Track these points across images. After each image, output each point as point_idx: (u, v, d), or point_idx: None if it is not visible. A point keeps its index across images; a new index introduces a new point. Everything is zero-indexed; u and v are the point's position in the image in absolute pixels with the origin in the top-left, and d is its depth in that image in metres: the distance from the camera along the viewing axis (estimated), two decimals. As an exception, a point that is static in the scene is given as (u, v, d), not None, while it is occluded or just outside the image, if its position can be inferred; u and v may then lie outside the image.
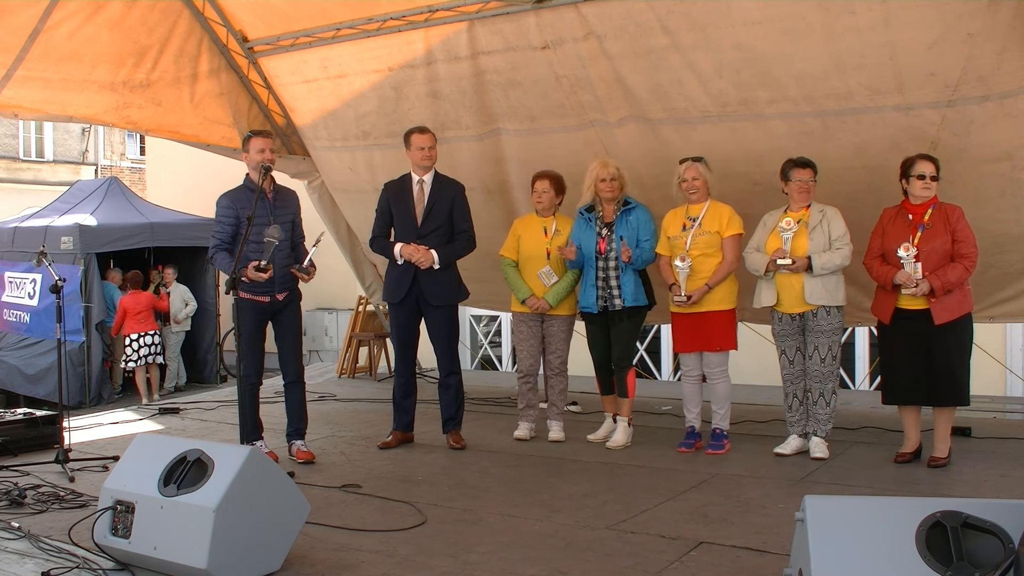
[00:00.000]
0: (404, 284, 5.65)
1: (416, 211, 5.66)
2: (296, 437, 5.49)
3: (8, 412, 6.17)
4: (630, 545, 3.78)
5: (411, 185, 5.72)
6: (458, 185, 5.82)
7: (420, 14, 6.45)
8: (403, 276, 5.65)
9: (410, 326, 5.78)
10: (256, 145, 5.28)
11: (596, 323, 5.73)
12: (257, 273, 4.98)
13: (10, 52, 6.40)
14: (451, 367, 5.79)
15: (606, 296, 5.61)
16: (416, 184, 5.71)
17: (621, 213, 5.61)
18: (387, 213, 5.76)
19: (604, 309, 5.62)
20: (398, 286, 5.68)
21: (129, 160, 27.72)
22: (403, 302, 5.68)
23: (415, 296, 5.66)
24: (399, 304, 5.71)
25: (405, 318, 5.74)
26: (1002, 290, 5.95)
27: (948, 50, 4.91)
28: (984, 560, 2.45)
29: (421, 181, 5.70)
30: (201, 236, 12.06)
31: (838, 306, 5.19)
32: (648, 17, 5.55)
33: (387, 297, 5.83)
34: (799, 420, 5.37)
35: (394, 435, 5.87)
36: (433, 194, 5.68)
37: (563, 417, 6.05)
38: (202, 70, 7.37)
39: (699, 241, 5.41)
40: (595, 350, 5.81)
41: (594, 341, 5.80)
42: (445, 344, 5.76)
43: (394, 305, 5.75)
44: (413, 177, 5.74)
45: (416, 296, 5.66)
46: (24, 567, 3.53)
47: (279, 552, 3.50)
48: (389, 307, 5.87)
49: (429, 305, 5.69)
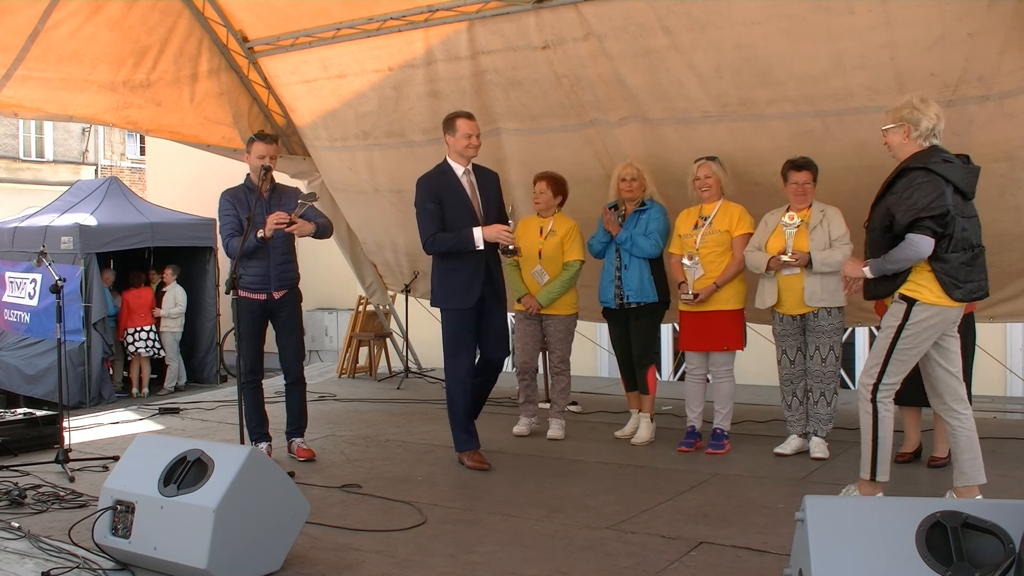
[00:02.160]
0: (476, 286, 5.12)
1: (473, 204, 5.18)
2: (296, 435, 5.50)
3: (8, 412, 6.17)
4: (630, 545, 3.78)
5: (456, 177, 5.20)
6: (496, 173, 5.44)
7: (420, 14, 6.45)
8: (475, 277, 5.12)
9: (475, 326, 5.22)
10: (257, 151, 5.30)
11: (615, 320, 5.84)
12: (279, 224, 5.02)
13: (10, 52, 6.40)
14: (499, 360, 5.42)
15: (621, 293, 5.69)
16: (462, 176, 5.21)
17: (635, 213, 5.68)
18: (438, 210, 5.14)
19: (620, 305, 5.71)
20: (470, 289, 5.12)
21: (129, 160, 27.71)
22: (474, 305, 5.16)
23: (482, 297, 5.17)
24: (470, 308, 5.16)
25: (474, 319, 5.19)
26: (1002, 290, 5.94)
27: (948, 50, 4.91)
28: (984, 560, 2.45)
29: (467, 172, 5.21)
30: (201, 236, 12.12)
31: (839, 307, 5.19)
32: (648, 17, 5.56)
33: (455, 303, 5.17)
34: (799, 420, 5.37)
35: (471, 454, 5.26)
36: (480, 185, 5.24)
37: (564, 416, 6.06)
38: (202, 70, 7.38)
39: (709, 240, 5.44)
40: (617, 347, 5.96)
41: (616, 338, 5.94)
42: (503, 336, 5.36)
43: (463, 310, 5.16)
44: (455, 168, 5.21)
45: (482, 297, 5.17)
46: (24, 567, 3.53)
47: (279, 552, 3.50)
48: (452, 312, 5.20)
49: (499, 304, 5.28)
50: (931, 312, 3.97)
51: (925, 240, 3.88)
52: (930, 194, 3.86)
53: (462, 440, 5.27)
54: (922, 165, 3.94)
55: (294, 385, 5.48)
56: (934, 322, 3.98)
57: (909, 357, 4.05)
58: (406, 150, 7.36)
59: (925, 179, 3.90)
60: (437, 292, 5.28)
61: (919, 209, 3.86)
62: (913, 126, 4.03)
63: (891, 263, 3.98)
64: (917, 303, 3.97)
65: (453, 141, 5.18)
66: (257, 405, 5.39)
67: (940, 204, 3.85)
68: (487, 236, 5.05)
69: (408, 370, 9.06)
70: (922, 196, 3.87)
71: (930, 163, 3.94)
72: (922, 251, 3.90)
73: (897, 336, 4.01)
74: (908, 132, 4.04)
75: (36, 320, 11.33)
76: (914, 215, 3.87)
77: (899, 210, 3.92)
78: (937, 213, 3.85)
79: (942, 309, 3.97)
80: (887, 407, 4.10)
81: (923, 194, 3.88)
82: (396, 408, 7.45)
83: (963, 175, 3.99)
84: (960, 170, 3.99)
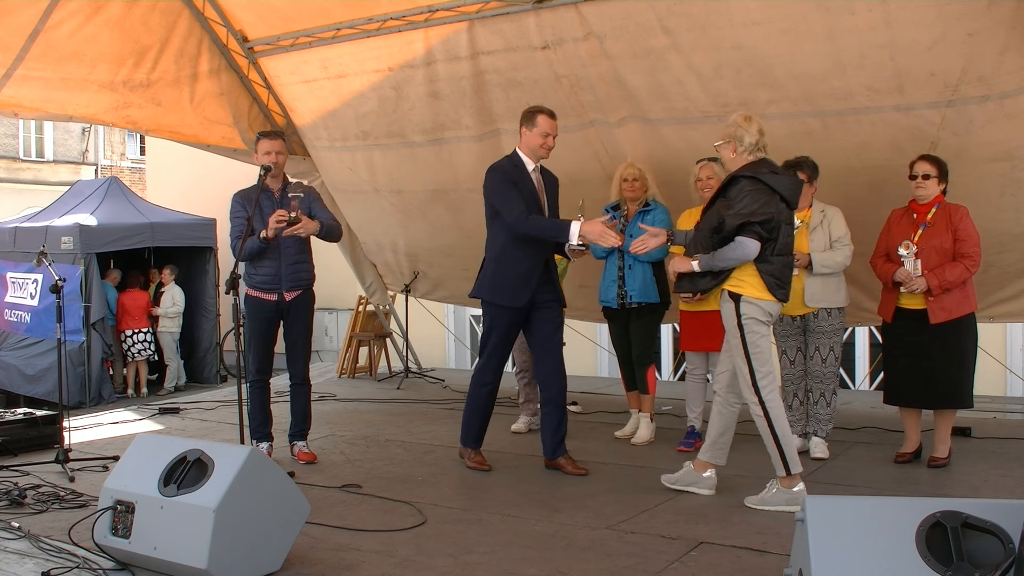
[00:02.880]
0: (532, 284, 4.94)
1: (542, 202, 5.01)
2: (299, 438, 5.48)
3: (8, 412, 6.16)
4: (630, 545, 3.78)
5: (527, 172, 5.02)
6: (557, 178, 5.25)
7: (420, 14, 6.45)
8: (531, 275, 4.94)
9: (518, 328, 5.08)
10: (262, 147, 5.26)
11: (616, 319, 5.85)
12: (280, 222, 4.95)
13: (10, 51, 6.40)
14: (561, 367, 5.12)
15: (624, 293, 5.70)
16: (532, 172, 5.03)
17: (639, 213, 5.67)
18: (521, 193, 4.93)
19: (622, 305, 5.72)
20: (526, 286, 4.94)
21: (129, 160, 27.72)
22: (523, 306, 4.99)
23: (533, 302, 4.99)
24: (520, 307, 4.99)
25: (522, 318, 5.03)
26: (1002, 290, 5.95)
27: (948, 50, 4.91)
28: (984, 560, 2.45)
29: (536, 169, 5.05)
30: (201, 236, 12.13)
31: (839, 307, 5.19)
32: (648, 17, 5.56)
33: (504, 299, 4.97)
34: (799, 420, 5.37)
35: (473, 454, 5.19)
36: (546, 186, 5.09)
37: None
38: (202, 70, 7.38)
39: None
40: (617, 347, 5.98)
41: (616, 338, 5.96)
42: (558, 343, 5.14)
43: (510, 308, 5.00)
44: (526, 162, 5.02)
45: (534, 301, 4.99)
46: (24, 567, 3.53)
47: (279, 552, 3.50)
48: (496, 310, 5.04)
49: (554, 306, 5.05)
50: (757, 303, 4.25)
51: (752, 243, 4.17)
52: (757, 201, 4.17)
53: (467, 436, 5.21)
54: (752, 175, 4.24)
55: (299, 387, 5.45)
56: (759, 311, 4.26)
57: (762, 346, 4.28)
58: (406, 150, 7.36)
59: (753, 187, 4.20)
60: (486, 283, 5.03)
61: (747, 214, 4.15)
62: (738, 142, 4.32)
63: (720, 260, 4.24)
64: (742, 298, 4.25)
65: (529, 136, 4.99)
66: (263, 404, 5.38)
67: (766, 211, 4.15)
68: (586, 232, 4.70)
69: (408, 370, 9.06)
70: (751, 203, 4.17)
71: (759, 173, 4.23)
72: (748, 252, 4.19)
73: (742, 334, 4.26)
74: (735, 147, 4.33)
75: (36, 320, 11.34)
76: (743, 219, 4.16)
77: (729, 214, 4.19)
78: (763, 219, 4.14)
79: (767, 303, 4.26)
80: (773, 400, 4.28)
81: (751, 201, 4.17)
82: (396, 408, 7.45)
83: (789, 185, 4.31)
84: (787, 181, 4.32)
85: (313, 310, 5.49)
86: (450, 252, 8.18)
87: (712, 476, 4.53)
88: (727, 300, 4.30)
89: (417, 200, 7.80)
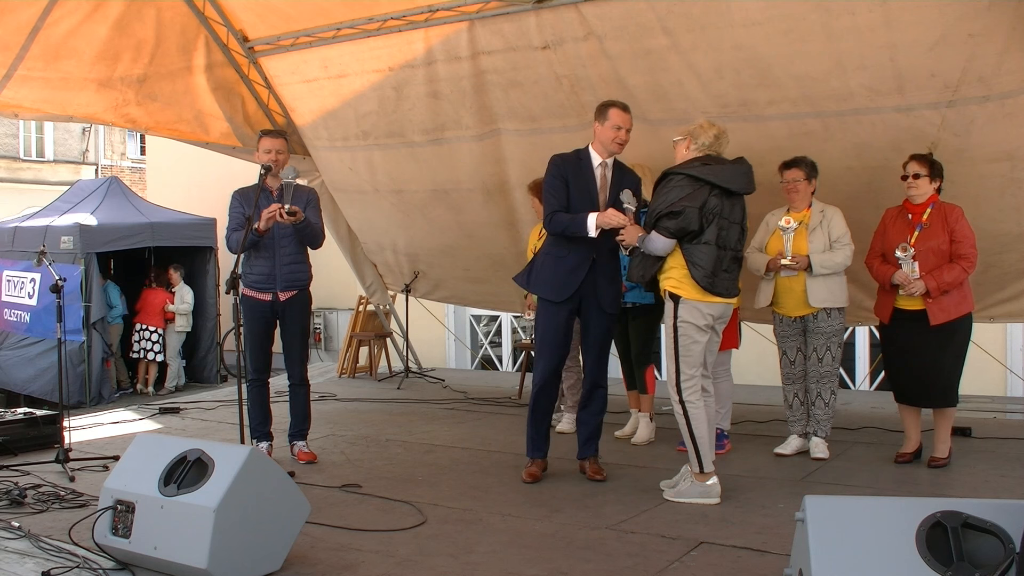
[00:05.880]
0: (574, 282, 4.76)
1: (599, 198, 4.79)
2: (299, 438, 5.48)
3: (8, 412, 6.16)
4: (630, 545, 3.78)
5: (590, 164, 4.83)
6: (637, 176, 5.01)
7: (420, 14, 6.45)
8: (576, 272, 4.76)
9: (568, 326, 4.89)
10: (264, 146, 5.26)
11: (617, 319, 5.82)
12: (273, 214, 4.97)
13: (10, 51, 6.40)
14: (600, 379, 5.00)
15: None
16: (598, 167, 4.83)
17: (642, 213, 5.67)
18: (565, 189, 4.77)
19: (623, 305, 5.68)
20: (567, 283, 4.77)
21: (129, 160, 27.72)
22: (566, 301, 4.83)
23: (579, 297, 4.82)
24: (561, 303, 4.83)
25: (566, 316, 4.86)
26: (1002, 290, 5.95)
27: (949, 51, 4.91)
28: (984, 560, 2.45)
29: (604, 164, 4.83)
30: (201, 236, 12.12)
31: (839, 308, 5.19)
32: (648, 17, 5.56)
33: (546, 292, 4.86)
34: (799, 420, 5.37)
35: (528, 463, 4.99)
36: (615, 183, 4.81)
37: (574, 410, 6.08)
38: (201, 66, 7.38)
39: None
40: (618, 346, 5.94)
41: (616, 337, 5.89)
42: (602, 353, 5.01)
43: (553, 303, 4.85)
44: (592, 156, 4.83)
45: (581, 297, 4.82)
46: (24, 567, 3.53)
47: (279, 552, 3.50)
48: (543, 305, 4.92)
49: (600, 310, 4.84)
50: (695, 306, 4.30)
51: (660, 239, 4.30)
52: (672, 194, 4.27)
53: (528, 446, 5.01)
54: (679, 171, 4.33)
55: (298, 387, 5.45)
56: (698, 315, 4.31)
57: (694, 351, 4.34)
58: (406, 150, 7.37)
59: (677, 183, 4.30)
60: (529, 271, 5.01)
61: (658, 212, 4.28)
62: (693, 139, 4.46)
63: (647, 244, 4.38)
64: (681, 300, 4.33)
65: (600, 130, 4.80)
66: (262, 404, 5.39)
67: (684, 203, 4.23)
68: (599, 220, 4.61)
69: (408, 370, 9.06)
70: (666, 199, 4.27)
71: (687, 168, 4.32)
72: (657, 248, 4.32)
73: (675, 335, 4.35)
74: (688, 144, 4.47)
75: (36, 320, 11.33)
76: (656, 216, 4.29)
77: (649, 210, 4.37)
78: (670, 211, 4.24)
79: (705, 304, 4.31)
80: (694, 401, 4.34)
81: (666, 196, 4.28)
82: (396, 408, 7.45)
83: (730, 174, 4.34)
84: (726, 171, 4.35)
85: (310, 311, 5.49)
86: (450, 252, 8.19)
87: (716, 484, 4.41)
88: (668, 299, 4.38)
89: (417, 200, 7.81)
